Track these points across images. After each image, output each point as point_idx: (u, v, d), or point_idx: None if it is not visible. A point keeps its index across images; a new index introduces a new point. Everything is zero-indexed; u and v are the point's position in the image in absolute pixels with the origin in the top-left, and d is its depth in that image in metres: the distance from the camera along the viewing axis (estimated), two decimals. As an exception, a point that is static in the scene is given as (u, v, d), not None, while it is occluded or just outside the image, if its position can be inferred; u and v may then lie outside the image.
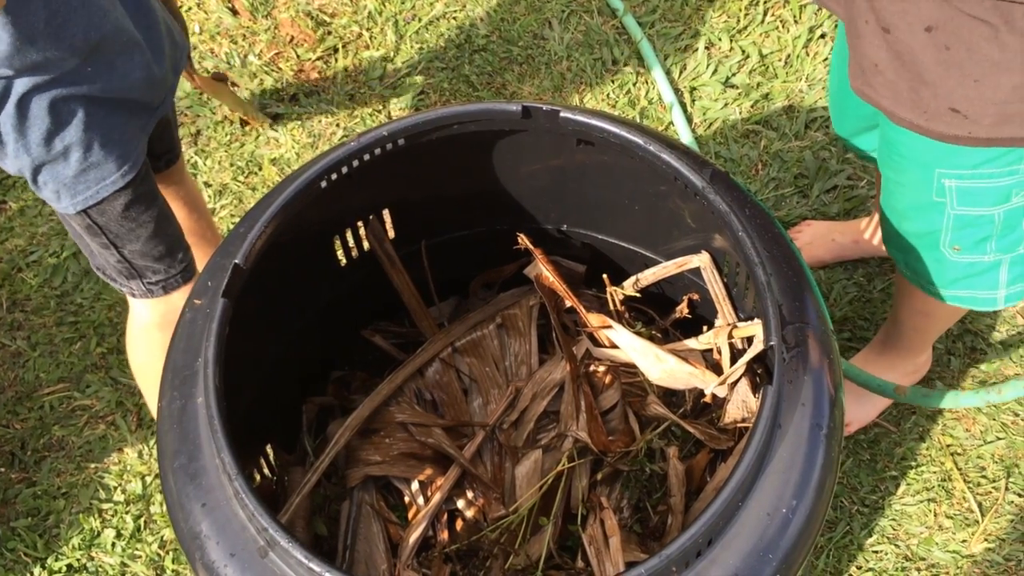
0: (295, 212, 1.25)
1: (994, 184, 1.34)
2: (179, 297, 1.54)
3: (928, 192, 1.39)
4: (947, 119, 1.25)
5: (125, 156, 1.38)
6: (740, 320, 1.45)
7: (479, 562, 1.52)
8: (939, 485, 1.88)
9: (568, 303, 1.64)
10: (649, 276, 1.57)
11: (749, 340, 1.43)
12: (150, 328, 1.61)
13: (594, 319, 1.60)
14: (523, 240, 1.59)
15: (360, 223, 1.52)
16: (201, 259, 1.74)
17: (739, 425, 1.42)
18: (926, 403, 1.76)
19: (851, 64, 1.34)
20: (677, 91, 2.37)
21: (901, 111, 1.29)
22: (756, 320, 1.39)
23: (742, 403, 1.42)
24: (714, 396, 1.48)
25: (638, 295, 1.62)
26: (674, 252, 1.54)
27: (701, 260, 1.45)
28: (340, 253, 1.55)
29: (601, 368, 1.62)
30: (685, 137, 2.27)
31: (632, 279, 1.60)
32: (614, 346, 1.60)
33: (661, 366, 1.52)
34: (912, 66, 1.24)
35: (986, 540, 1.83)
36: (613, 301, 1.63)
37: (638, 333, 1.59)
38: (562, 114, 1.28)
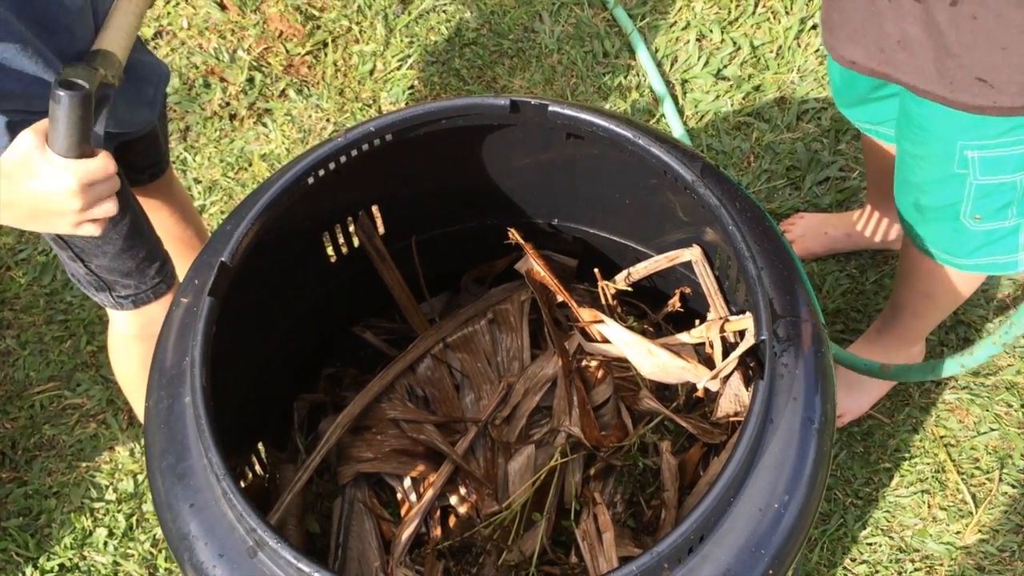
0: (283, 209, 1.24)
1: (1018, 151, 1.35)
2: (157, 309, 1.52)
3: (950, 164, 1.39)
4: (973, 89, 1.26)
5: None
6: (732, 314, 1.44)
7: (472, 558, 1.52)
8: (933, 477, 1.88)
9: (560, 298, 1.63)
10: (641, 270, 1.57)
11: (741, 334, 1.42)
12: (129, 339, 1.59)
13: (586, 314, 1.59)
14: (514, 235, 1.58)
15: (349, 219, 1.51)
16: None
17: (732, 419, 1.41)
18: (908, 377, 1.76)
19: (866, 45, 1.34)
20: (668, 83, 2.36)
21: (926, 84, 1.30)
22: (748, 314, 1.38)
23: (734, 397, 1.41)
24: (706, 390, 1.48)
25: (630, 289, 1.61)
26: (665, 246, 1.53)
27: (692, 254, 1.45)
28: (330, 249, 1.54)
29: (593, 363, 1.61)
30: (677, 130, 2.27)
31: (623, 273, 1.60)
32: (606, 341, 1.59)
33: (653, 360, 1.52)
34: (938, 38, 1.24)
35: (980, 531, 1.82)
36: (605, 295, 1.62)
37: (630, 327, 1.59)
38: (551, 108, 1.27)
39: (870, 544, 1.83)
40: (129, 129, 1.47)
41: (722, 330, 1.44)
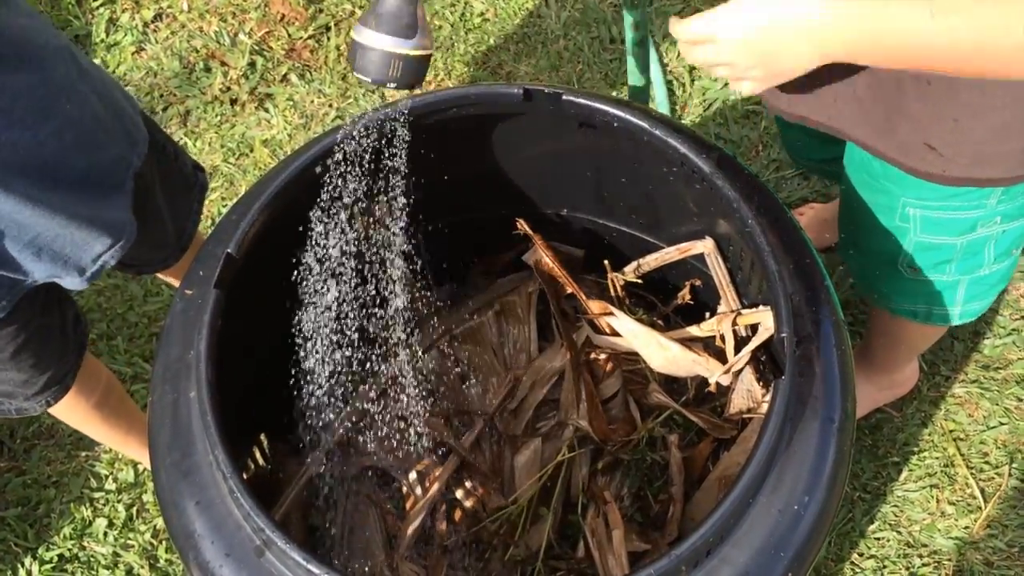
0: (289, 199, 1.21)
1: (961, 216, 1.28)
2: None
3: (892, 216, 1.33)
4: (922, 154, 1.18)
5: None
6: (744, 307, 1.42)
7: (479, 553, 1.50)
8: (941, 471, 1.86)
9: (568, 289, 1.60)
10: (651, 262, 1.54)
11: (752, 328, 1.40)
12: (66, 416, 1.60)
13: (595, 306, 1.56)
14: (522, 225, 1.56)
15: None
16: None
17: (744, 415, 1.39)
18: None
19: (819, 96, 1.24)
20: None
21: (875, 142, 1.22)
22: (761, 307, 1.36)
23: (747, 392, 1.39)
24: (718, 385, 1.45)
25: (639, 281, 1.59)
26: (676, 237, 1.51)
27: (705, 246, 1.42)
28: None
29: (602, 356, 1.59)
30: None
31: (633, 265, 1.57)
32: (615, 333, 1.57)
33: (664, 354, 1.49)
34: (893, 96, 1.16)
35: (989, 526, 1.81)
36: (614, 287, 1.59)
37: (639, 320, 1.56)
38: (565, 97, 1.24)
39: (878, 539, 1.81)
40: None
41: (734, 323, 1.42)
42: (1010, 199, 1.24)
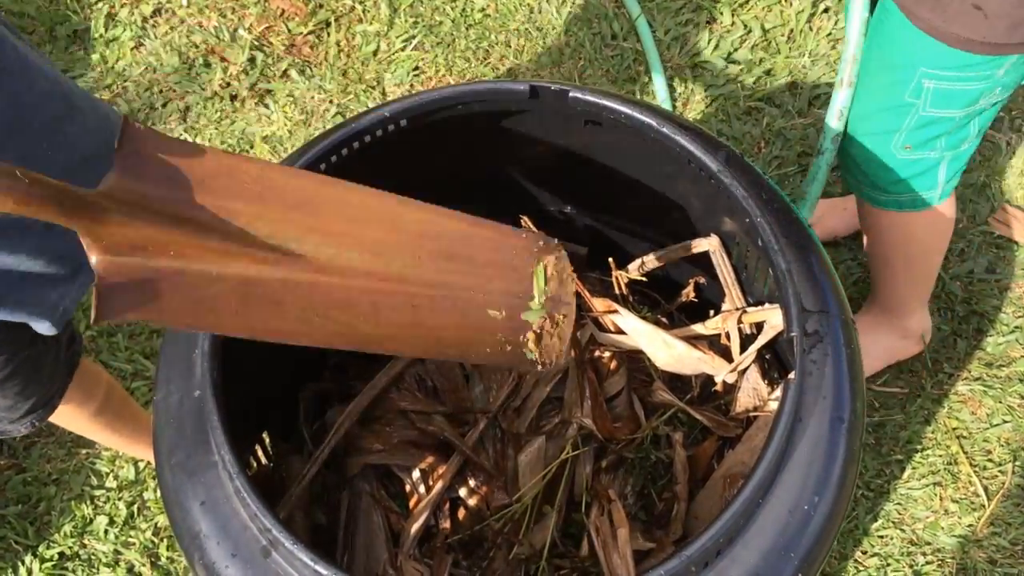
0: (294, 196, 1.20)
1: (971, 87, 1.37)
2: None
3: (902, 92, 1.41)
4: (966, 19, 1.25)
5: None
6: (749, 305, 1.41)
7: (482, 552, 1.49)
8: (945, 469, 1.86)
9: (572, 287, 1.60)
10: (656, 259, 1.53)
11: (758, 326, 1.39)
12: (67, 423, 1.57)
13: (599, 303, 1.56)
14: (526, 223, 1.55)
15: (359, 205, 1.47)
16: None
17: (750, 414, 1.38)
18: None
19: None
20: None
21: (921, 10, 1.29)
22: (767, 305, 1.35)
23: (753, 391, 1.38)
24: (724, 383, 1.45)
25: (644, 279, 1.58)
26: (681, 234, 1.50)
27: (711, 244, 1.41)
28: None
29: (606, 353, 1.58)
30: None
31: (638, 262, 1.56)
32: (619, 331, 1.56)
33: (669, 351, 1.49)
34: None
35: (992, 524, 1.81)
36: (619, 285, 1.59)
37: (643, 317, 1.55)
38: (571, 94, 1.23)
39: (881, 537, 1.81)
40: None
41: (740, 321, 1.42)
42: (1015, 69, 1.33)
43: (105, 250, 0.81)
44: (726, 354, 1.46)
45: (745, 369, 1.41)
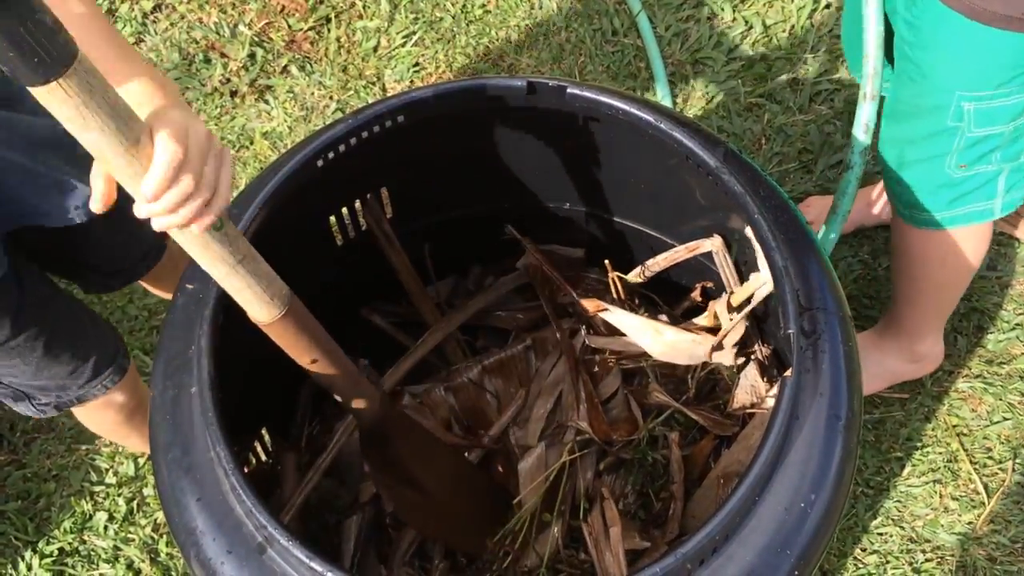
0: (291, 192, 1.20)
1: (1012, 102, 1.36)
2: (99, 400, 1.49)
3: (944, 117, 1.40)
4: None
5: None
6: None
7: (484, 565, 1.48)
8: (945, 466, 1.86)
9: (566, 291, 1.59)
10: (660, 262, 1.52)
11: (750, 300, 1.38)
12: (97, 425, 1.58)
13: (589, 304, 1.55)
14: (511, 231, 1.55)
15: (358, 202, 1.47)
16: None
17: (748, 411, 1.38)
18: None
19: None
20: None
21: None
22: (752, 277, 1.34)
23: (751, 388, 1.38)
24: (721, 380, 1.45)
25: (643, 282, 1.57)
26: (682, 232, 1.50)
27: (713, 244, 1.41)
28: (337, 233, 1.50)
29: (600, 356, 1.58)
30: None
31: (639, 268, 1.55)
32: (612, 331, 1.56)
33: (661, 339, 1.48)
34: None
35: (992, 522, 1.80)
36: (617, 288, 1.58)
37: (632, 308, 1.55)
38: (569, 90, 1.23)
39: (881, 534, 1.81)
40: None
41: (730, 306, 1.41)
42: None
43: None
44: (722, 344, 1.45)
45: (743, 367, 1.41)
